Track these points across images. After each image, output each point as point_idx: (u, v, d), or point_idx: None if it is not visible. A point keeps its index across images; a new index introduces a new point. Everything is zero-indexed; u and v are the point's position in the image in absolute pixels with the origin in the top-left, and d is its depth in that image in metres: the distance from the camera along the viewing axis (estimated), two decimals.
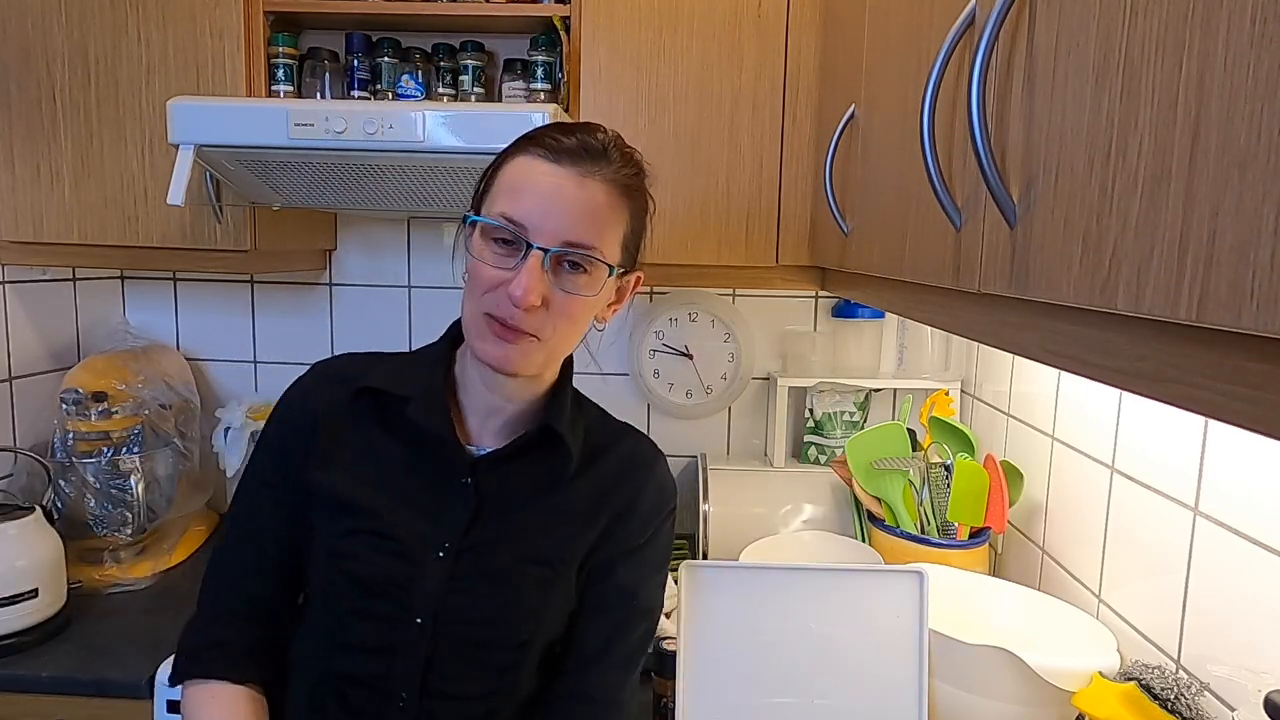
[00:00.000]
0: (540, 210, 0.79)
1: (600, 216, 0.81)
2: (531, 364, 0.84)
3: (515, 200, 0.80)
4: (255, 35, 1.43)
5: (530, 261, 0.79)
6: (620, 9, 1.38)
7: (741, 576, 1.03)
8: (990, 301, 0.67)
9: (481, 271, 0.81)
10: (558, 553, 0.89)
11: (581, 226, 0.80)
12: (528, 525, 0.89)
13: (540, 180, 0.80)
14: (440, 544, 0.86)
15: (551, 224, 0.79)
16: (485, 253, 0.81)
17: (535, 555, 0.88)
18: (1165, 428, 0.99)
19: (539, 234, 0.79)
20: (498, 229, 0.80)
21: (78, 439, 1.48)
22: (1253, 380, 0.38)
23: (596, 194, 0.81)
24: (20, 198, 1.44)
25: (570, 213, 0.80)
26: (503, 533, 0.88)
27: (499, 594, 0.87)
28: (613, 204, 0.83)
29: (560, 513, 0.90)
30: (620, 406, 1.82)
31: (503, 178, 0.83)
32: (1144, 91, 0.42)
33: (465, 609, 0.86)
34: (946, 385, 1.62)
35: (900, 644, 1.00)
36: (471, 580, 0.86)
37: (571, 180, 0.80)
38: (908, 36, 0.87)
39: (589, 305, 0.84)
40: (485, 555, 0.87)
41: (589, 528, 0.90)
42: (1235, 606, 0.86)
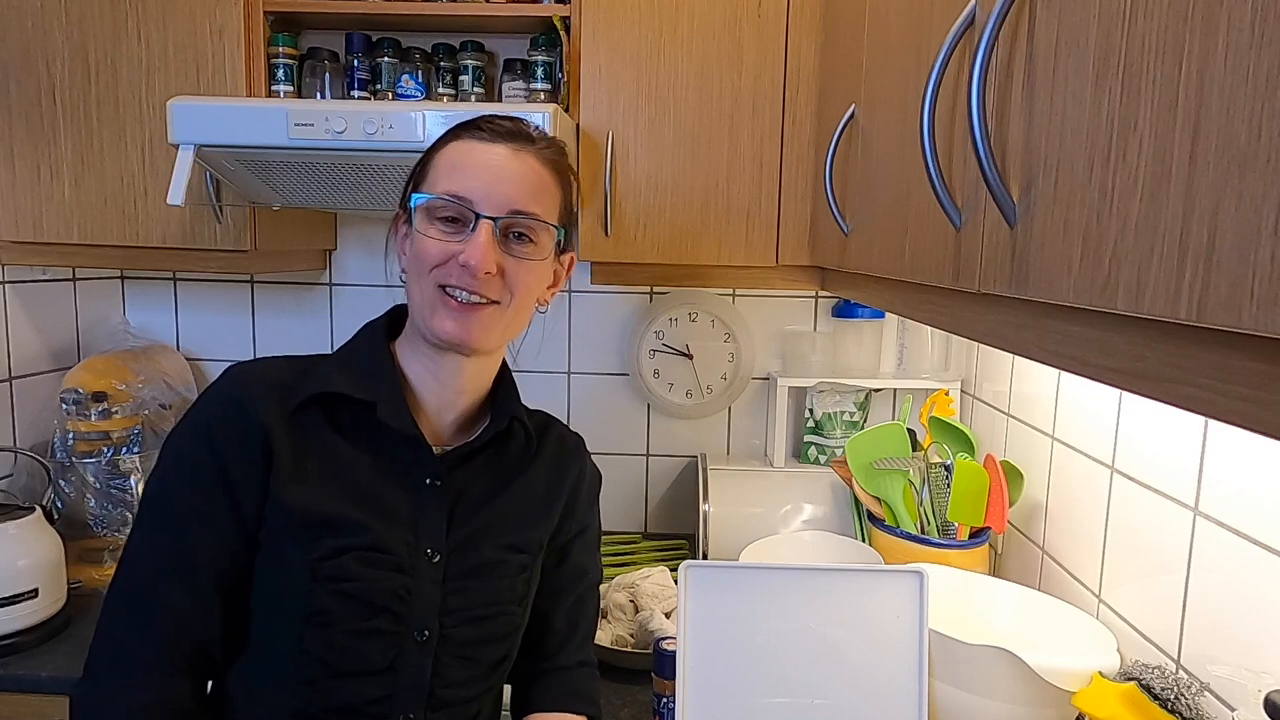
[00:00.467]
0: (484, 182, 0.82)
1: (539, 187, 0.85)
2: (491, 336, 0.84)
3: (458, 177, 0.82)
4: (255, 35, 1.43)
5: (481, 231, 0.81)
6: (620, 9, 1.38)
7: (741, 576, 1.03)
8: (990, 301, 0.67)
9: (428, 247, 0.82)
10: (532, 537, 0.93)
11: (525, 195, 0.83)
12: (501, 516, 0.90)
13: (480, 157, 0.83)
14: (427, 549, 0.85)
15: (497, 194, 0.82)
16: (431, 230, 0.82)
17: (514, 544, 0.91)
18: (1165, 428, 0.99)
19: (486, 204, 0.81)
20: (444, 205, 0.82)
21: (78, 439, 1.48)
22: (1253, 380, 0.38)
23: (532, 166, 0.84)
24: (20, 198, 1.44)
25: (513, 182, 0.83)
26: (481, 527, 0.89)
27: (491, 588, 0.88)
28: (546, 177, 0.86)
29: (527, 499, 0.93)
30: (620, 406, 1.84)
31: (439, 162, 0.85)
32: (1144, 91, 0.42)
33: (463, 610, 0.86)
34: (946, 385, 1.62)
35: (900, 644, 1.00)
36: (463, 580, 0.87)
37: (508, 154, 0.84)
38: (908, 36, 0.87)
39: (539, 274, 0.87)
40: (471, 553, 0.87)
41: (552, 511, 0.96)
42: (1235, 606, 0.86)
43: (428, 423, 0.90)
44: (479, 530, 0.88)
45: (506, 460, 0.94)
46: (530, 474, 0.95)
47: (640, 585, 1.37)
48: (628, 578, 1.40)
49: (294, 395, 0.84)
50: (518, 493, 0.93)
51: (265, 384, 0.84)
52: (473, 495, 0.90)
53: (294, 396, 0.84)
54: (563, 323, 1.81)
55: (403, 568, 0.84)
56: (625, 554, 1.69)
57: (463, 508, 0.88)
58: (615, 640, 1.30)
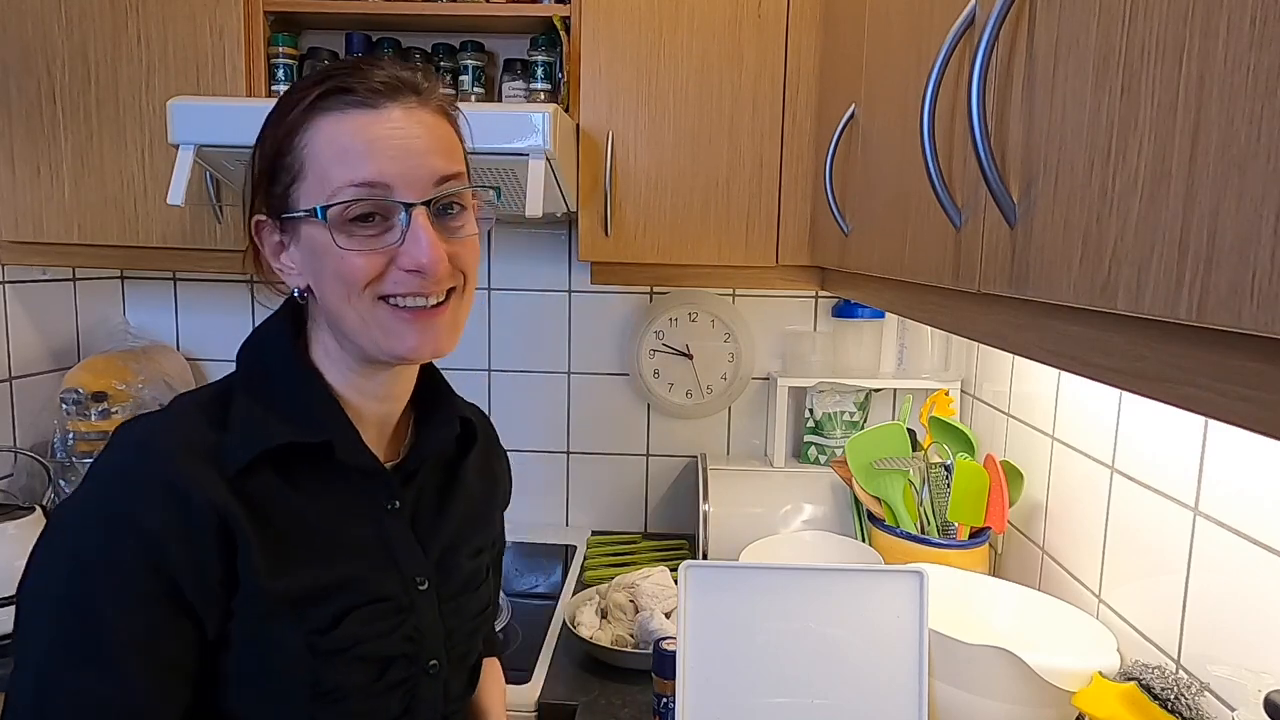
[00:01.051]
0: (395, 160, 0.67)
1: (448, 142, 0.71)
2: (456, 334, 0.73)
3: (355, 164, 0.66)
4: (255, 35, 1.43)
5: (418, 219, 0.67)
6: (620, 9, 1.38)
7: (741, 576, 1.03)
8: (990, 301, 0.67)
9: (354, 264, 0.67)
10: (485, 536, 0.90)
11: (444, 159, 0.69)
12: (460, 521, 0.84)
13: (373, 130, 0.67)
14: (415, 579, 0.77)
15: (417, 171, 0.67)
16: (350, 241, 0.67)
17: (478, 546, 0.87)
18: (1165, 428, 0.99)
19: (408, 187, 0.67)
20: (358, 203, 0.66)
21: (78, 439, 1.48)
22: (1252, 380, 0.38)
23: (430, 121, 0.70)
24: (20, 198, 1.44)
25: (426, 149, 0.68)
26: (449, 539, 0.82)
27: (475, 596, 0.86)
28: (446, 128, 0.72)
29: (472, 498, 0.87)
30: (620, 406, 1.84)
31: (316, 146, 0.68)
32: (1144, 91, 0.42)
33: (460, 628, 0.83)
34: (946, 385, 1.62)
35: (900, 644, 1.00)
36: (455, 599, 0.82)
37: (405, 116, 0.68)
38: (908, 36, 0.87)
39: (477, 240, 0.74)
40: (453, 568, 0.82)
41: (492, 501, 0.93)
42: (1235, 606, 0.86)
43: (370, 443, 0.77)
44: (449, 543, 0.82)
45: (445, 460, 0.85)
46: (466, 468, 0.86)
47: (640, 585, 1.37)
48: (628, 578, 1.40)
49: (231, 456, 0.67)
50: (462, 492, 0.85)
51: (191, 452, 0.66)
52: (425, 508, 0.81)
53: (231, 458, 0.67)
54: (563, 323, 1.81)
55: (403, 607, 0.75)
56: (625, 554, 1.69)
57: (421, 525, 0.80)
58: (615, 640, 1.30)
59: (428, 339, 0.70)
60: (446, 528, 0.82)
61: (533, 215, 1.20)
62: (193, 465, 0.65)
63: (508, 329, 1.81)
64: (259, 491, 0.68)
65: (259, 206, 0.73)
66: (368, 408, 0.77)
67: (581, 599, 1.42)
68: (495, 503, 0.95)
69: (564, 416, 1.83)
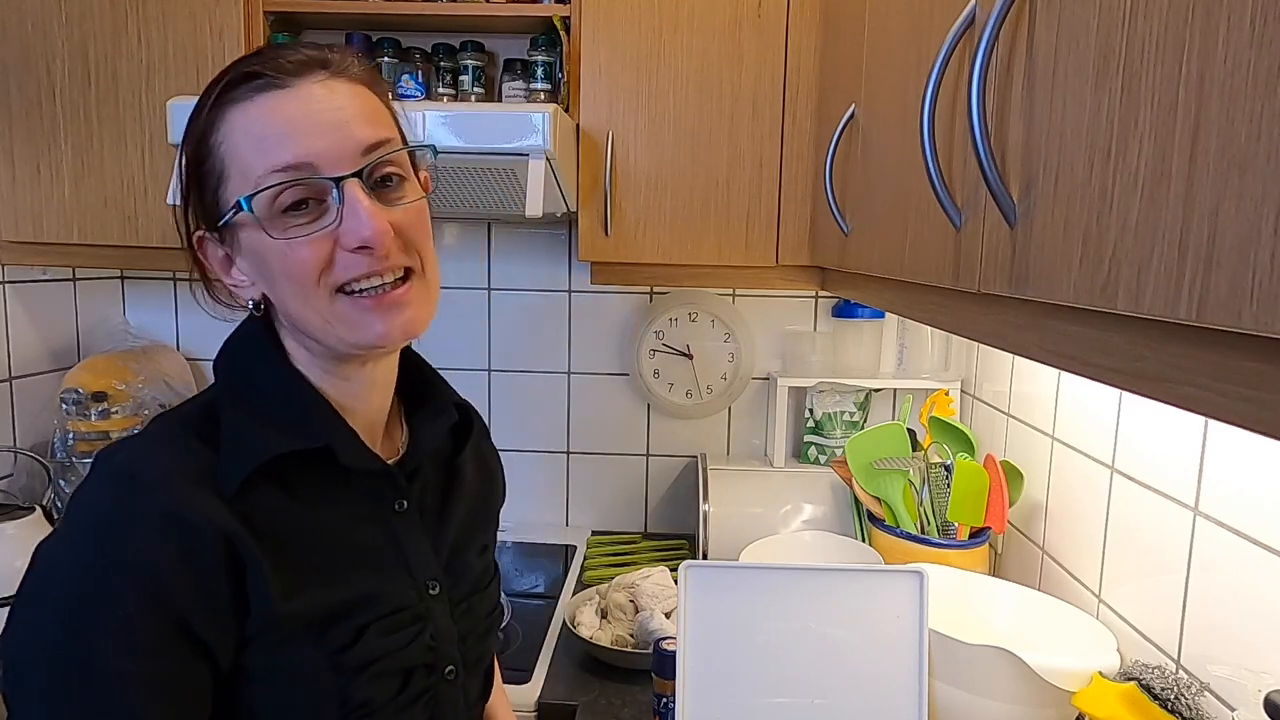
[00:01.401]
0: (316, 135, 0.62)
1: (372, 110, 0.66)
2: (429, 307, 0.69)
3: (276, 147, 0.61)
4: (255, 35, 1.43)
5: (351, 193, 0.62)
6: (620, 9, 1.38)
7: (741, 576, 1.03)
8: (990, 301, 0.67)
9: (301, 256, 0.63)
10: (491, 532, 0.89)
11: (369, 126, 0.64)
12: (465, 521, 0.81)
13: (287, 109, 0.62)
14: (427, 583, 0.74)
15: (339, 142, 0.63)
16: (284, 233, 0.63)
17: (483, 543, 0.86)
18: (1165, 428, 0.99)
19: (334, 161, 0.62)
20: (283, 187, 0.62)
21: (78, 439, 1.48)
22: (1252, 380, 0.38)
23: (349, 91, 0.65)
24: (20, 198, 1.44)
25: (346, 119, 0.63)
26: (457, 538, 0.80)
27: (484, 595, 0.83)
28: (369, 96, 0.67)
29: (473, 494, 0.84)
30: (620, 406, 1.84)
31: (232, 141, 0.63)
32: (1144, 91, 0.42)
33: (473, 630, 0.80)
34: (946, 385, 1.62)
35: (900, 644, 1.00)
36: (466, 600, 0.79)
37: (320, 90, 0.63)
38: (908, 36, 0.87)
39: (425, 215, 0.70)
40: (463, 569, 0.80)
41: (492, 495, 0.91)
42: (1235, 606, 0.86)
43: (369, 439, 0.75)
44: (457, 543, 0.79)
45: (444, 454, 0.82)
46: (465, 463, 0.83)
47: (640, 585, 1.37)
48: (628, 578, 1.40)
49: (228, 475, 0.63)
50: (463, 488, 0.82)
51: (184, 476, 0.61)
52: (430, 508, 0.78)
53: (229, 477, 0.63)
54: (563, 323, 1.81)
55: (418, 615, 0.72)
56: (625, 554, 1.69)
57: (427, 525, 0.77)
58: (615, 640, 1.30)
59: (395, 321, 0.66)
60: (453, 527, 0.79)
61: (533, 215, 1.20)
62: (189, 490, 0.61)
63: (508, 329, 1.81)
64: (261, 509, 0.64)
65: (195, 223, 0.68)
66: (354, 408, 0.72)
67: (581, 599, 1.42)
68: (494, 498, 0.92)
69: (564, 416, 1.83)
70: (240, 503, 0.63)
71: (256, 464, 0.64)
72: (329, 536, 0.69)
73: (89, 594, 0.57)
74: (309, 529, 0.68)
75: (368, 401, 0.73)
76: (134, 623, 0.57)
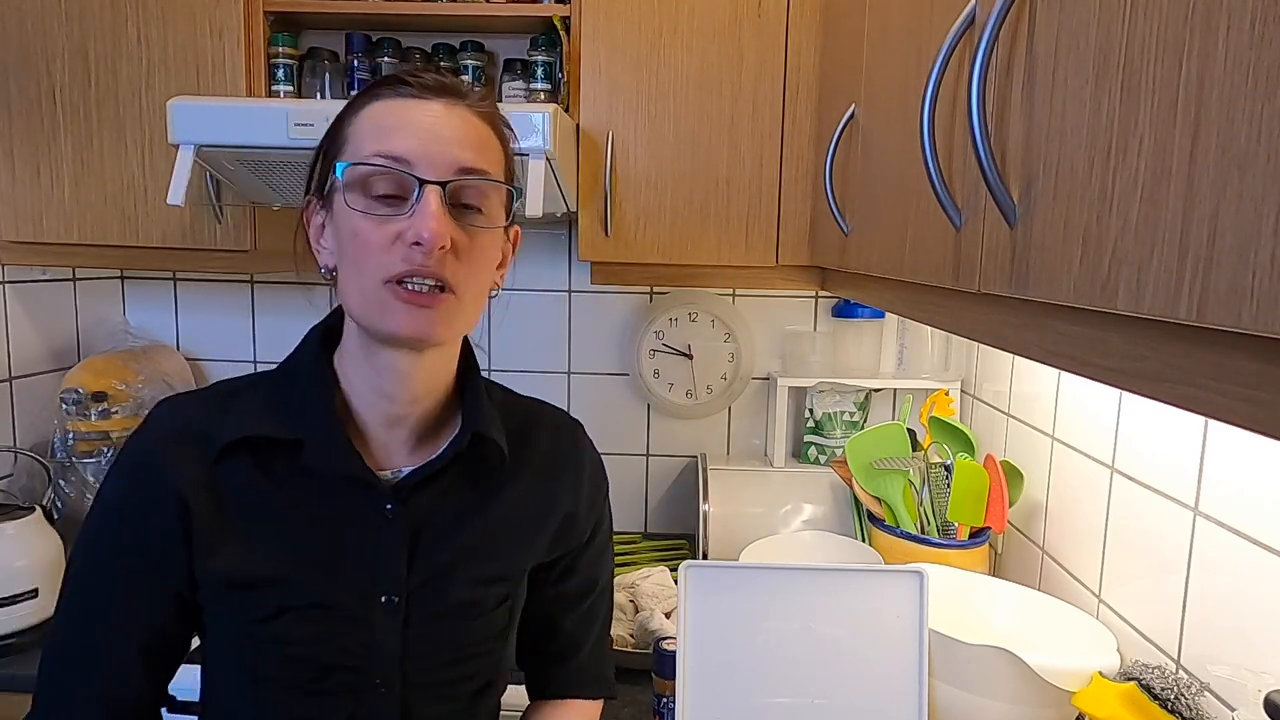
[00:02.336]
0: (422, 141, 0.70)
1: (483, 142, 0.74)
2: (453, 328, 0.73)
3: (389, 139, 0.70)
4: (255, 35, 1.43)
5: (429, 197, 0.68)
6: (620, 9, 1.38)
7: (741, 576, 1.03)
8: (990, 301, 0.67)
9: (366, 232, 0.69)
10: (514, 564, 0.82)
11: (470, 152, 0.71)
12: (476, 544, 0.79)
13: (412, 114, 0.71)
14: (384, 593, 0.75)
15: (439, 154, 0.70)
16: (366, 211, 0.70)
17: (493, 574, 0.80)
18: (1165, 428, 0.99)
19: (428, 167, 0.69)
20: (378, 172, 0.69)
21: (78, 439, 1.48)
22: (1252, 380, 0.38)
23: (470, 120, 0.73)
24: (20, 198, 1.44)
25: (455, 139, 0.71)
26: (451, 561, 0.78)
27: (462, 630, 0.79)
28: (486, 132, 0.75)
29: (506, 521, 0.81)
30: (620, 406, 1.84)
31: (360, 126, 0.72)
32: (1144, 91, 0.42)
33: (430, 656, 0.77)
34: (946, 385, 1.62)
35: (900, 644, 1.00)
36: (429, 624, 0.77)
37: (444, 110, 0.72)
38: (908, 36, 0.87)
39: (492, 248, 0.75)
40: (438, 593, 0.77)
41: (540, 531, 0.84)
42: (1235, 606, 0.86)
43: (378, 444, 0.78)
44: (448, 565, 0.77)
45: (482, 473, 0.81)
46: (516, 485, 0.82)
47: (640, 585, 1.37)
48: (628, 578, 1.40)
49: (213, 442, 0.74)
50: (499, 511, 0.81)
51: (176, 433, 0.74)
52: (440, 522, 0.78)
53: (214, 444, 0.73)
54: (563, 323, 1.81)
55: (355, 619, 0.74)
56: (625, 554, 1.69)
57: (428, 538, 0.77)
58: (615, 640, 1.30)
59: (419, 323, 0.70)
60: (456, 547, 0.78)
61: (533, 215, 1.20)
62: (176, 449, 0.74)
63: (508, 329, 1.81)
64: (232, 477, 0.74)
65: (311, 190, 0.76)
66: (377, 404, 0.76)
67: None
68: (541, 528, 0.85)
69: None
70: (218, 466, 0.74)
71: (234, 437, 0.73)
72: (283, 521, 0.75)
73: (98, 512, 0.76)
74: (267, 508, 0.75)
75: (397, 395, 0.76)
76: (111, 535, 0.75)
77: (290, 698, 0.75)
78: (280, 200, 1.43)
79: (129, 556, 0.74)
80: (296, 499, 0.75)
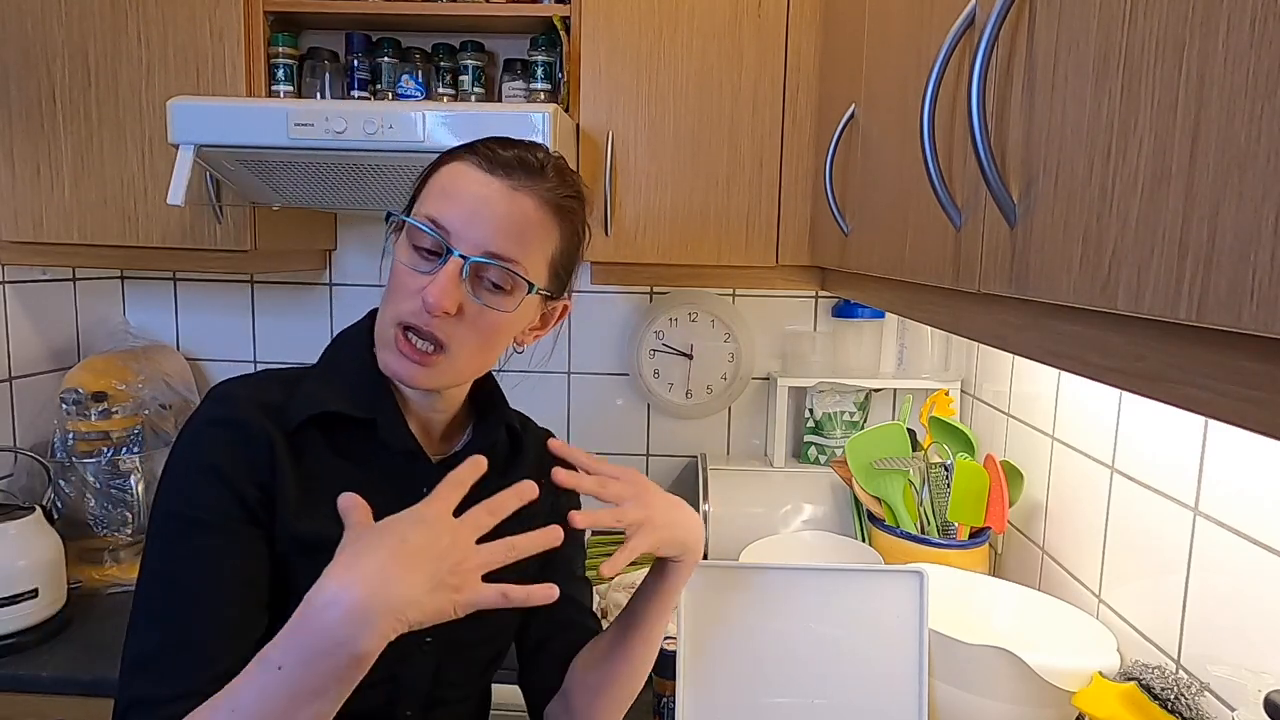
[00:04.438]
0: (465, 216, 0.76)
1: (528, 232, 0.78)
2: (440, 380, 0.81)
3: (442, 204, 0.77)
4: (255, 35, 1.43)
5: (448, 267, 0.75)
6: (620, 9, 1.38)
7: (741, 576, 1.03)
8: (990, 301, 0.67)
9: (400, 277, 0.78)
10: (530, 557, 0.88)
11: (506, 238, 0.77)
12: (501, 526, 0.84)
13: (470, 187, 0.77)
14: None
15: (475, 232, 0.76)
16: (406, 258, 0.78)
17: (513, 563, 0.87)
18: (1165, 428, 0.99)
19: (461, 241, 0.76)
20: (420, 232, 0.77)
21: (78, 439, 1.48)
22: (1253, 380, 0.38)
23: (526, 208, 0.78)
24: (20, 198, 1.44)
25: (495, 222, 0.76)
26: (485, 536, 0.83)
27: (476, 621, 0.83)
28: (543, 221, 0.79)
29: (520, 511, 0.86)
30: (620, 406, 1.84)
31: (435, 181, 0.80)
32: (1144, 91, 0.42)
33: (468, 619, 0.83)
34: (946, 385, 1.62)
35: (900, 644, 1.00)
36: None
37: (502, 191, 0.77)
38: (908, 36, 0.87)
39: (504, 323, 0.81)
40: None
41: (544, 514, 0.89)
42: (1235, 606, 0.86)
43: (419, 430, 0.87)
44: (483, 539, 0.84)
45: (501, 469, 0.88)
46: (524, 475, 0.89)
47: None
48: (628, 578, 1.40)
49: (289, 416, 0.80)
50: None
51: (260, 406, 0.79)
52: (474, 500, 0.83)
53: (290, 418, 0.80)
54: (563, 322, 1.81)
55: None
56: None
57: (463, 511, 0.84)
58: None
59: (409, 372, 0.78)
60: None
61: None
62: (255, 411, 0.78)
63: None
64: (307, 449, 0.80)
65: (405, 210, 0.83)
66: (414, 400, 0.85)
67: None
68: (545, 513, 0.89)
69: (564, 416, 1.83)
70: (293, 438, 0.79)
71: (312, 412, 0.79)
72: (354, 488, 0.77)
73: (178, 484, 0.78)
74: (340, 479, 0.79)
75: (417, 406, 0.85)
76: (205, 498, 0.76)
77: None
78: (280, 200, 1.43)
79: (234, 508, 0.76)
80: (363, 474, 0.82)
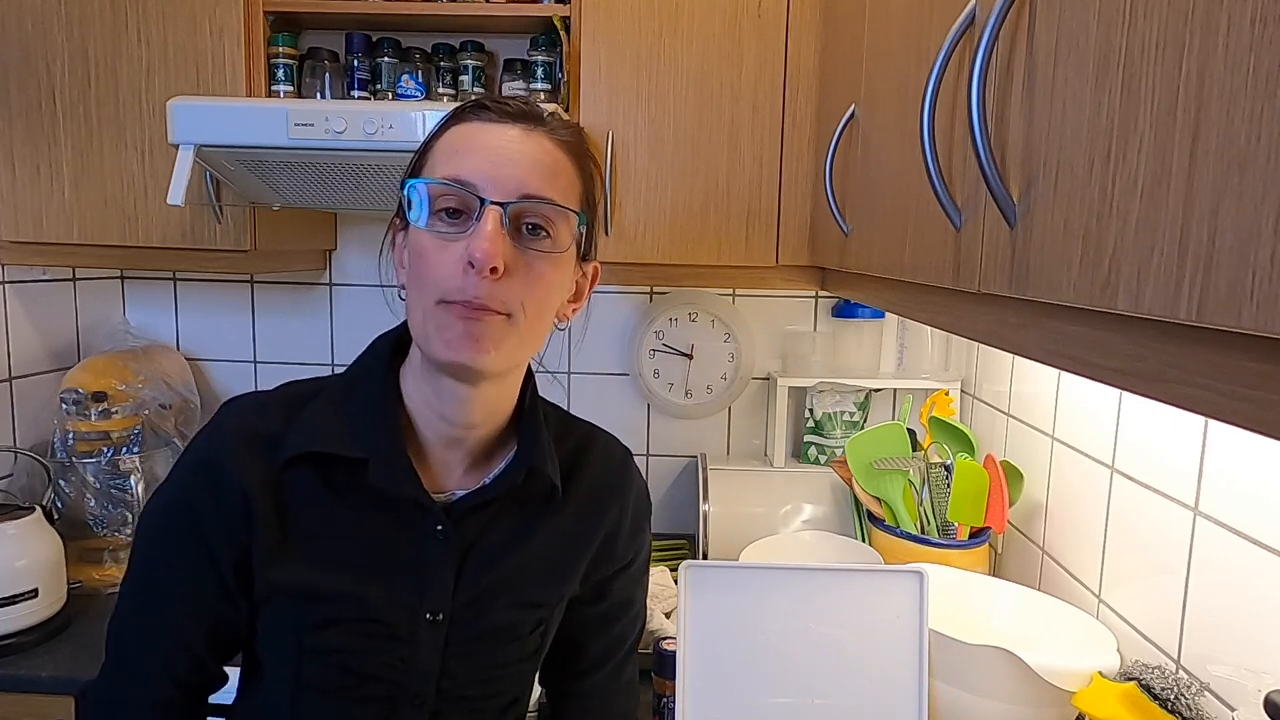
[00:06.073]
0: (492, 164, 0.69)
1: (554, 169, 0.72)
2: (504, 353, 0.71)
3: (461, 161, 0.70)
4: (255, 35, 1.43)
5: (487, 218, 0.67)
6: (620, 9, 1.38)
7: (741, 576, 1.03)
8: (990, 301, 0.67)
9: (428, 255, 0.69)
10: (554, 591, 0.84)
11: (538, 178, 0.70)
12: (520, 570, 0.80)
13: (485, 138, 0.71)
14: (429, 610, 0.77)
15: (505, 177, 0.69)
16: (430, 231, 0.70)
17: (532, 599, 0.82)
18: (1165, 428, 0.99)
19: (492, 189, 0.69)
20: (444, 192, 0.69)
21: (78, 439, 1.48)
22: (1252, 380, 0.38)
23: (547, 146, 0.72)
24: (20, 198, 1.44)
25: (523, 164, 0.70)
26: (495, 583, 0.79)
27: (498, 652, 0.81)
28: (564, 161, 0.74)
29: (550, 550, 0.82)
30: (620, 406, 1.84)
31: (439, 148, 0.73)
32: (1144, 91, 0.42)
33: (465, 675, 0.80)
34: (946, 385, 1.62)
35: (900, 644, 1.00)
36: (468, 644, 0.79)
37: (520, 135, 0.71)
38: (908, 36, 0.87)
39: (557, 277, 0.74)
40: (480, 614, 0.79)
41: (580, 556, 0.85)
42: (1235, 606, 0.86)
43: (435, 464, 0.79)
44: (492, 587, 0.79)
45: (533, 502, 0.81)
46: (563, 515, 0.83)
47: None
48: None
49: (281, 451, 0.74)
50: (545, 538, 0.82)
51: (249, 439, 0.75)
52: (490, 543, 0.79)
53: (281, 453, 0.74)
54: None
55: (399, 636, 0.76)
56: None
57: (475, 559, 0.78)
58: None
59: (467, 346, 0.69)
60: (500, 571, 0.79)
61: None
62: (244, 452, 0.74)
63: None
64: (296, 487, 0.75)
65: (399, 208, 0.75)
66: (436, 426, 0.77)
67: None
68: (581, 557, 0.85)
69: None
70: (283, 475, 0.75)
71: (301, 451, 0.74)
72: (347, 533, 0.76)
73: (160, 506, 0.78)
74: (328, 520, 0.76)
75: (456, 419, 0.76)
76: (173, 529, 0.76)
77: (328, 702, 0.77)
78: (280, 200, 1.43)
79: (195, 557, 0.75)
80: (356, 513, 0.76)
